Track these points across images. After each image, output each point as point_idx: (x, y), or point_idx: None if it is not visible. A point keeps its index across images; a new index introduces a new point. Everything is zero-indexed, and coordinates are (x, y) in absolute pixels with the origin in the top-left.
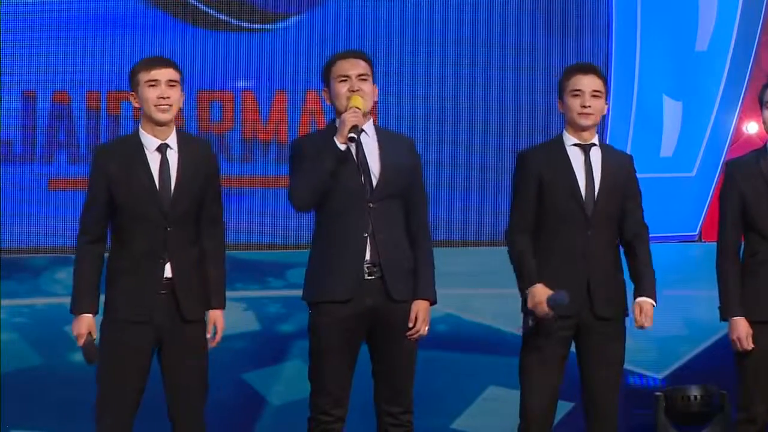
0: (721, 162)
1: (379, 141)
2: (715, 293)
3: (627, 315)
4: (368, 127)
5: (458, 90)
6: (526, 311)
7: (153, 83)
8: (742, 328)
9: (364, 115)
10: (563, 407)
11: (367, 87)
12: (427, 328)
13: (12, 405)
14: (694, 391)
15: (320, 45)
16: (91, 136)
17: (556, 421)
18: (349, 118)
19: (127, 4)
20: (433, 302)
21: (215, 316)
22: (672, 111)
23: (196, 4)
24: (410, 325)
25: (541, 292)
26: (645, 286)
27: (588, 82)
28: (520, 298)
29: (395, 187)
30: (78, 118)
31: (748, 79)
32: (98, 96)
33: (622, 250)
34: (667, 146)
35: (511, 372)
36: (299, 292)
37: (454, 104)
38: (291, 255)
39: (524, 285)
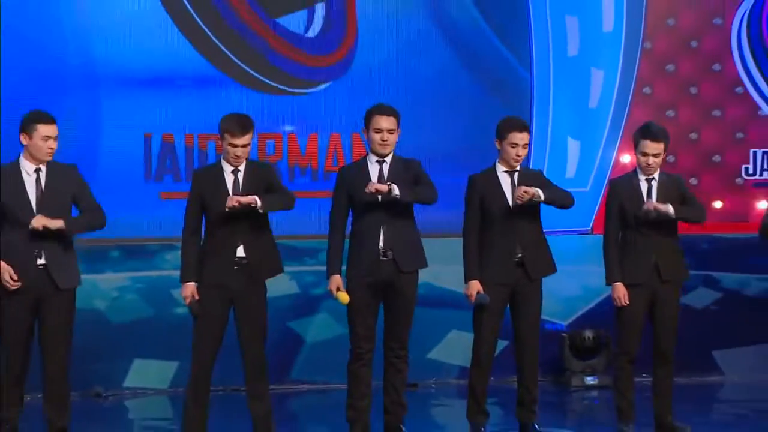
0: (605, 181)
1: (393, 166)
2: (602, 268)
3: (546, 275)
4: (389, 157)
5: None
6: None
7: (234, 146)
8: (620, 290)
9: (386, 155)
10: (501, 344)
11: (394, 137)
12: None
13: (134, 342)
14: (588, 334)
15: (341, 103)
16: (188, 164)
17: (496, 353)
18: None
19: (211, 75)
20: (390, 191)
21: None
22: (573, 147)
23: (257, 75)
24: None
25: (473, 287)
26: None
27: (522, 138)
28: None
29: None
30: (179, 151)
31: (624, 126)
32: (192, 137)
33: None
34: (570, 170)
35: (466, 321)
36: (325, 268)
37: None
38: (320, 242)
39: (466, 276)
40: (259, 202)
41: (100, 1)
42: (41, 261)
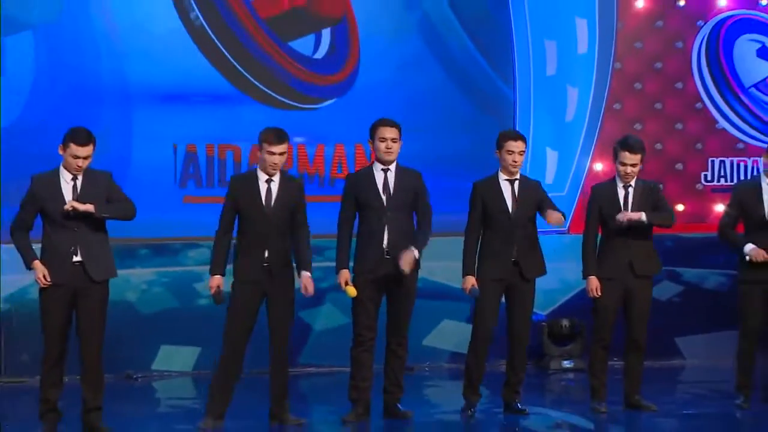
0: (580, 186)
1: (396, 174)
2: (578, 264)
3: (539, 276)
4: (392, 166)
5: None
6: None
7: (272, 153)
8: (593, 283)
9: (390, 162)
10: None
11: (397, 146)
12: (407, 269)
13: (161, 330)
14: (565, 322)
15: (345, 117)
16: (209, 171)
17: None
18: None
19: (229, 92)
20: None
21: (304, 277)
22: (551, 156)
23: (270, 92)
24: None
25: (468, 282)
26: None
27: (517, 146)
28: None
29: (404, 203)
30: (201, 160)
31: (597, 138)
32: (213, 147)
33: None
34: (549, 177)
35: (457, 312)
36: (332, 264)
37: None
38: (327, 241)
39: (463, 272)
40: (307, 279)
41: (132, 26)
42: (77, 258)
